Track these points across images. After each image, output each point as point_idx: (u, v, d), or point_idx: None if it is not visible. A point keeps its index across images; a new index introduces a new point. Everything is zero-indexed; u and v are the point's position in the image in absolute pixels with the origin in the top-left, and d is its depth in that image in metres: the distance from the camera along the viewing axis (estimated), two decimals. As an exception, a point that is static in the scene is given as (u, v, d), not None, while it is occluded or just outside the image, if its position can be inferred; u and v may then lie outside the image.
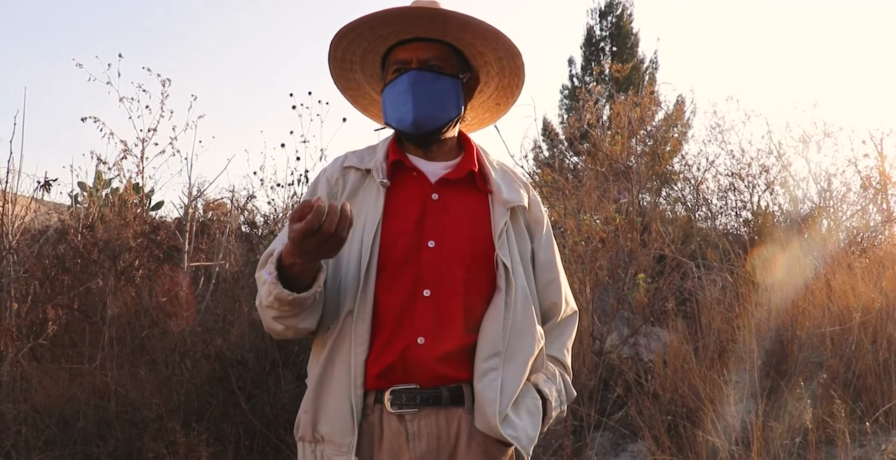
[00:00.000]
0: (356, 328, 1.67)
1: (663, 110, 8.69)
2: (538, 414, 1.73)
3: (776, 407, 3.95)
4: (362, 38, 1.85)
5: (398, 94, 1.80)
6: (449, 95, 1.83)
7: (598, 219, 5.47)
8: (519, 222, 1.84)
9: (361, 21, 1.79)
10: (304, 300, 1.58)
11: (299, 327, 1.65)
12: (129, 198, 5.31)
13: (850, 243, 5.81)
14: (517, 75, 1.96)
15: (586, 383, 4.31)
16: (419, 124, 1.78)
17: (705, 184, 7.32)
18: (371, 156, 1.85)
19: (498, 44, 1.86)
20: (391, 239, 1.72)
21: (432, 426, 1.67)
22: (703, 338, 4.70)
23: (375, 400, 1.67)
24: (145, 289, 4.45)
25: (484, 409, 1.64)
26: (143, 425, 3.79)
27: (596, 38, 13.46)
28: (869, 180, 6.68)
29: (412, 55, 1.82)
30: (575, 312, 1.92)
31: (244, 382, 4.03)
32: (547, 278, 1.87)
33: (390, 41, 1.86)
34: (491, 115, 2.09)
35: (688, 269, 5.44)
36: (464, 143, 1.92)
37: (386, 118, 1.86)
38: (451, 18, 1.78)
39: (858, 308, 4.60)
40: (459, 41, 1.87)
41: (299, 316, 1.63)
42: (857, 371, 4.34)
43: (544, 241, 1.89)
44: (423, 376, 1.67)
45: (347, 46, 1.87)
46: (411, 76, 1.79)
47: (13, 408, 3.78)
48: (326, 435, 1.68)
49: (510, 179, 1.89)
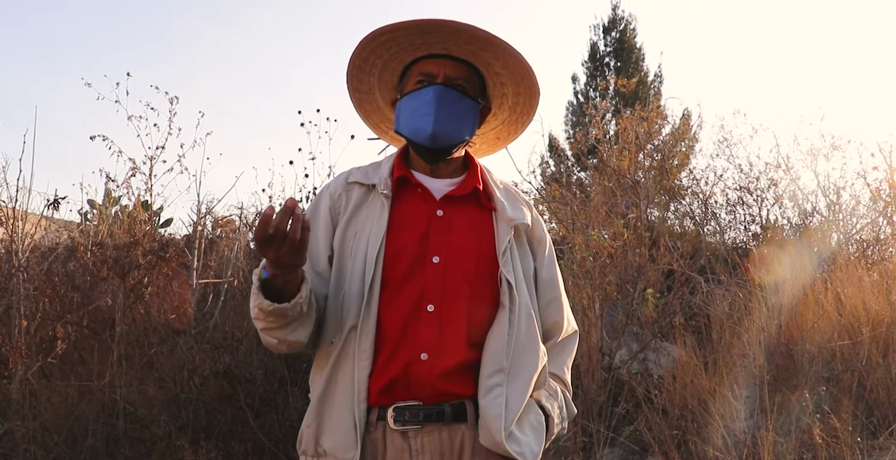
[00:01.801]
0: (360, 343, 1.67)
1: (670, 124, 8.69)
2: (541, 429, 1.73)
3: (786, 422, 3.93)
4: (394, 43, 1.83)
5: (420, 104, 1.78)
6: (467, 116, 1.83)
7: (607, 234, 5.46)
8: (522, 240, 1.84)
9: (401, 25, 1.77)
10: (285, 311, 1.58)
11: (289, 340, 1.65)
12: (138, 215, 5.34)
13: (859, 256, 5.78)
14: (527, 114, 1.98)
15: (595, 399, 4.29)
16: (436, 138, 1.77)
17: (713, 198, 7.31)
18: (376, 171, 1.85)
19: (524, 79, 1.88)
20: (395, 254, 1.72)
21: (435, 442, 1.67)
22: (712, 352, 4.67)
23: (379, 417, 1.67)
24: (154, 306, 4.46)
25: (489, 426, 1.64)
26: (152, 442, 3.79)
27: (600, 54, 13.48)
28: (878, 193, 6.66)
29: (440, 70, 1.82)
30: (575, 332, 1.92)
31: (253, 399, 4.03)
32: (549, 297, 1.87)
33: (421, 52, 1.85)
34: (488, 147, 2.09)
35: (697, 284, 5.42)
36: (468, 162, 1.92)
37: (398, 126, 1.84)
38: (491, 43, 1.79)
39: (868, 321, 4.57)
40: (487, 68, 1.88)
41: (287, 327, 1.63)
42: (869, 385, 4.31)
43: (546, 261, 1.89)
44: (426, 392, 1.67)
45: (376, 48, 1.85)
46: (438, 90, 1.78)
47: (22, 426, 3.79)
48: (329, 450, 1.67)
49: (514, 198, 1.89)
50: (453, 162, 1.88)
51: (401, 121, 1.83)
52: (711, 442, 3.86)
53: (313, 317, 1.68)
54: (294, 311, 1.60)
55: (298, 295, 1.59)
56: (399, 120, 1.84)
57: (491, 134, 2.05)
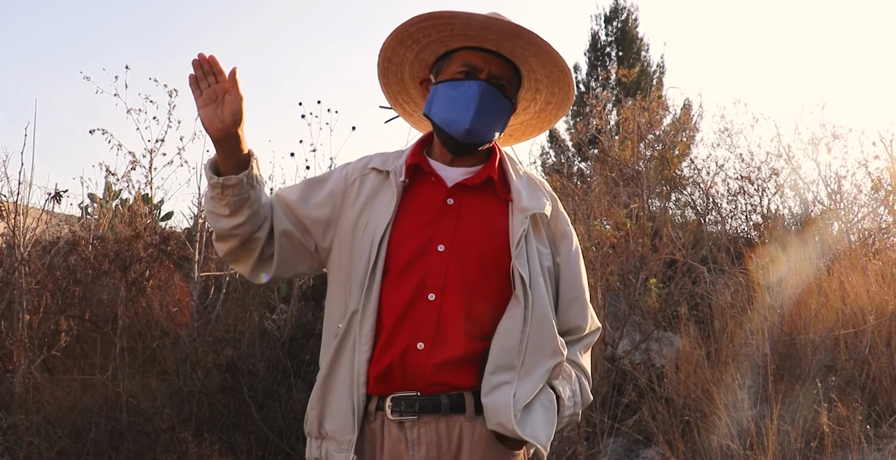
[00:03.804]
0: (361, 327, 1.67)
1: (671, 114, 8.66)
2: (553, 409, 1.70)
3: (790, 411, 3.92)
4: (447, 28, 1.79)
5: (461, 97, 1.76)
6: (502, 117, 1.83)
7: (609, 224, 5.45)
8: (541, 232, 1.81)
9: (464, 15, 1.73)
10: (230, 184, 1.63)
11: (235, 232, 1.70)
12: (138, 208, 5.32)
13: (861, 245, 5.77)
14: (548, 122, 1.98)
15: (599, 389, 4.29)
16: (471, 134, 1.76)
17: (715, 188, 7.29)
18: (396, 159, 1.84)
19: (561, 91, 1.88)
20: (400, 240, 1.72)
21: (432, 434, 1.67)
22: (715, 342, 4.67)
23: (377, 406, 1.68)
24: (156, 299, 4.46)
25: (497, 413, 1.62)
26: (155, 435, 3.79)
27: (601, 44, 13.44)
28: (880, 182, 6.64)
29: (486, 66, 1.80)
30: (598, 328, 1.90)
31: (255, 392, 4.03)
32: (570, 296, 1.84)
33: (472, 43, 1.81)
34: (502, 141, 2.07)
35: (699, 274, 5.41)
36: (490, 152, 1.89)
37: (429, 110, 1.82)
38: (546, 53, 1.78)
39: (872, 310, 4.56)
40: (531, 73, 1.87)
41: (237, 214, 1.67)
42: (872, 374, 4.31)
43: (571, 257, 1.86)
44: (422, 383, 1.66)
45: (427, 28, 1.80)
46: (482, 87, 1.76)
47: (26, 420, 3.79)
48: (330, 432, 1.70)
49: (535, 188, 1.86)
50: (478, 154, 1.86)
51: (434, 107, 1.81)
52: (716, 431, 3.86)
53: (260, 216, 1.72)
54: (244, 188, 1.64)
55: (246, 171, 1.65)
56: (432, 104, 1.81)
57: (505, 130, 2.03)
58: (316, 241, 1.81)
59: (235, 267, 1.85)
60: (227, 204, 1.66)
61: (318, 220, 1.80)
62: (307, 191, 1.82)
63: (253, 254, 1.77)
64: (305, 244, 1.80)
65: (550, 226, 1.84)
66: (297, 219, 1.79)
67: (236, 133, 1.64)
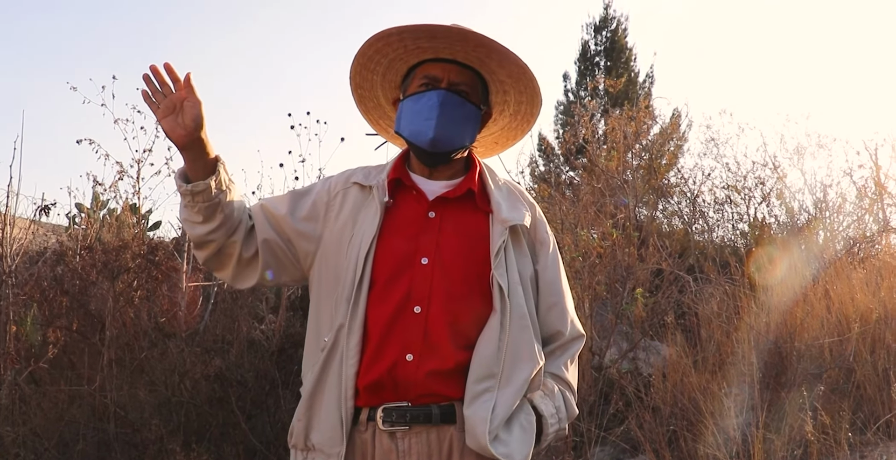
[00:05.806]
0: (348, 341, 1.69)
1: (658, 124, 8.72)
2: (531, 430, 1.72)
3: (776, 418, 3.95)
4: (400, 44, 1.83)
5: (423, 108, 1.79)
6: (469, 122, 1.84)
7: (596, 233, 5.48)
8: (521, 242, 1.83)
9: (410, 28, 1.78)
10: (199, 190, 1.66)
11: (214, 237, 1.73)
12: (126, 218, 5.31)
13: (847, 253, 5.82)
14: (527, 122, 1.99)
15: (586, 398, 4.30)
16: (436, 143, 1.78)
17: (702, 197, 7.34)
18: (378, 173, 1.86)
19: (527, 89, 1.89)
20: (384, 254, 1.74)
21: (423, 444, 1.68)
22: (702, 351, 4.69)
23: (369, 417, 1.69)
24: (144, 309, 4.45)
25: (474, 429, 1.64)
26: (143, 446, 3.78)
27: (591, 53, 13.49)
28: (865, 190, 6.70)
29: (444, 75, 1.83)
30: (580, 336, 1.89)
31: (244, 402, 4.02)
32: (550, 302, 1.85)
33: (427, 55, 1.85)
34: (485, 150, 2.10)
35: (685, 283, 5.44)
36: (470, 164, 1.92)
37: (399, 127, 1.86)
38: (498, 52, 1.79)
39: (857, 318, 4.60)
40: (492, 75, 1.88)
41: (210, 219, 1.70)
42: (857, 381, 4.34)
43: (549, 263, 1.87)
44: (413, 393, 1.68)
45: (382, 48, 1.85)
46: (441, 95, 1.79)
47: (12, 431, 3.77)
48: (317, 444, 1.71)
49: (515, 199, 1.88)
50: (454, 164, 1.88)
51: (402, 123, 1.84)
52: (703, 439, 3.88)
53: (234, 219, 1.75)
54: (208, 195, 1.67)
55: (210, 178, 1.68)
56: (400, 121, 1.85)
57: (489, 138, 2.05)
58: (298, 253, 1.83)
59: (218, 274, 1.88)
60: (199, 210, 1.69)
61: (301, 233, 1.82)
62: (293, 204, 1.84)
63: (231, 259, 1.79)
64: (288, 255, 1.82)
65: (530, 234, 1.87)
66: (282, 231, 1.81)
67: (200, 137, 1.68)
